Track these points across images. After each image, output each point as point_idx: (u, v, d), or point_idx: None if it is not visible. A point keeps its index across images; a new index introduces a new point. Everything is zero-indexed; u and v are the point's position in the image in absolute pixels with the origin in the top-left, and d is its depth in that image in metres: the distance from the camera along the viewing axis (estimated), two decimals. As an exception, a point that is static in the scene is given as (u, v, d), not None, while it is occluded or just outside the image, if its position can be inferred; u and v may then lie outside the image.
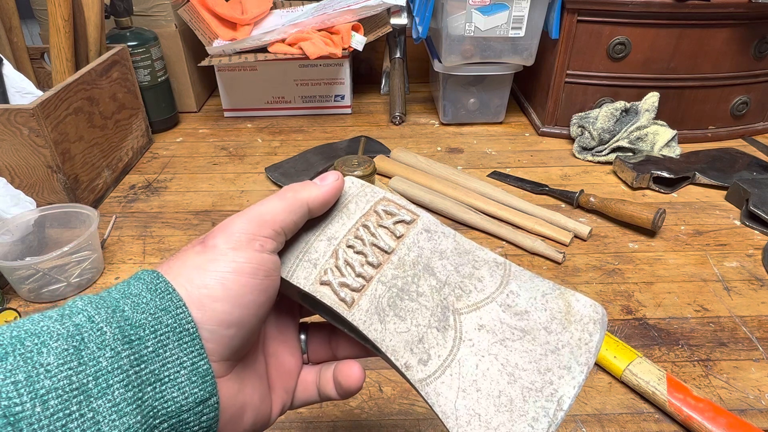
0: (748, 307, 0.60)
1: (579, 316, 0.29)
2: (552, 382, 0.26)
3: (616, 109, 0.88)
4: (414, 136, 1.01)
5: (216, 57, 1.00)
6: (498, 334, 0.28)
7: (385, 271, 0.30)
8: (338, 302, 0.29)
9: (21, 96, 0.76)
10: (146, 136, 0.97)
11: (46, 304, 0.62)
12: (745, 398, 0.49)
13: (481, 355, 0.28)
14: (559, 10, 0.89)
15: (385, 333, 0.29)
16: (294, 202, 0.29)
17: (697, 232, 0.73)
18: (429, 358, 0.28)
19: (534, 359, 0.27)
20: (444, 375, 0.27)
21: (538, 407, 0.26)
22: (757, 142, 0.96)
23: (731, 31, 0.86)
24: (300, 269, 0.30)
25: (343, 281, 0.30)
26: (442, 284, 0.30)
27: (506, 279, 0.30)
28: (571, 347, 0.27)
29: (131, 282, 0.25)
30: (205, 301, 0.25)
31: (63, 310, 0.23)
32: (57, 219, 0.67)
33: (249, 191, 0.84)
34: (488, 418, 0.26)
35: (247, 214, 0.28)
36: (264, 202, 0.29)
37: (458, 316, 0.29)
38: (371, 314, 0.29)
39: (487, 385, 0.27)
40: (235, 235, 0.27)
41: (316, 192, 0.30)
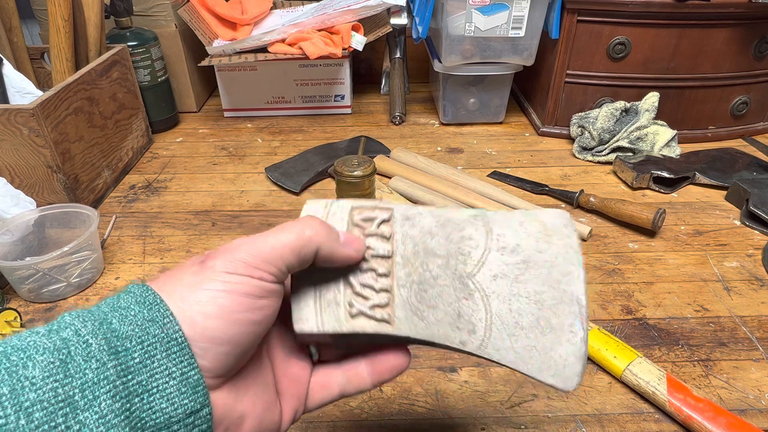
0: (748, 307, 0.60)
1: (553, 227, 0.32)
2: (565, 290, 0.30)
3: (616, 109, 0.88)
4: (414, 136, 1.01)
5: (216, 57, 1.00)
6: (509, 275, 0.31)
7: (398, 274, 0.31)
8: (380, 325, 0.30)
9: (21, 96, 0.76)
10: (146, 136, 0.97)
11: (46, 304, 0.62)
12: (745, 398, 0.49)
13: (508, 299, 0.30)
14: (559, 10, 0.89)
15: (430, 327, 0.30)
16: (307, 245, 0.28)
17: (697, 232, 0.73)
18: (474, 326, 0.30)
19: (543, 280, 0.31)
20: (493, 332, 0.30)
21: (567, 313, 0.30)
22: (757, 142, 0.96)
23: (731, 31, 0.86)
24: (326, 315, 0.30)
25: (372, 304, 0.30)
26: (446, 258, 0.31)
27: (488, 226, 0.32)
28: (562, 255, 0.31)
29: (121, 296, 0.25)
30: (197, 317, 0.25)
31: (51, 326, 0.23)
32: (57, 219, 0.67)
33: (249, 191, 0.84)
34: (542, 345, 0.29)
35: (255, 242, 0.27)
36: (279, 233, 0.28)
37: (473, 279, 0.31)
38: (410, 318, 0.30)
39: (526, 320, 0.30)
40: (235, 261, 0.26)
41: (331, 250, 0.29)
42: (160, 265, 0.68)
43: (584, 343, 0.29)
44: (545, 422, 0.48)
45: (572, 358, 0.29)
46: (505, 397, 0.50)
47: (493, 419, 0.48)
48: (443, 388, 0.51)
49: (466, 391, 0.51)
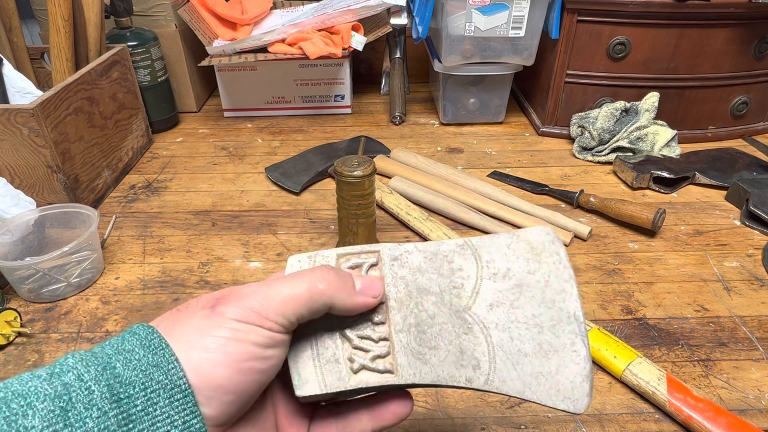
0: (748, 307, 0.60)
1: (540, 245, 0.32)
2: (561, 308, 0.30)
3: (616, 109, 0.88)
4: (414, 136, 1.01)
5: (216, 57, 1.00)
6: (505, 302, 0.31)
7: (395, 319, 0.31)
8: (383, 377, 0.30)
9: (21, 96, 0.76)
10: (146, 136, 0.97)
11: (46, 304, 0.62)
12: (745, 398, 0.49)
13: (507, 327, 0.30)
14: (559, 10, 0.89)
15: (435, 369, 0.30)
16: (320, 299, 0.27)
17: (697, 232, 0.73)
18: (478, 361, 0.30)
19: (539, 301, 0.31)
20: (497, 363, 0.30)
21: (567, 333, 0.30)
22: (757, 142, 0.96)
23: (731, 31, 0.86)
24: (327, 375, 0.29)
25: (373, 356, 0.30)
26: (440, 294, 0.31)
27: (477, 254, 0.32)
28: (553, 273, 0.31)
29: (126, 336, 0.25)
30: (204, 365, 0.24)
31: (53, 368, 0.22)
32: (57, 219, 0.67)
33: (249, 191, 0.84)
34: (547, 369, 0.29)
35: (267, 292, 0.27)
36: (291, 283, 0.27)
37: (470, 311, 0.31)
38: (413, 364, 0.30)
39: (528, 346, 0.30)
40: (246, 310, 0.26)
41: (348, 302, 0.29)
42: (160, 265, 0.68)
43: (588, 362, 0.29)
44: (545, 422, 0.48)
45: (579, 378, 0.29)
46: (505, 397, 0.50)
47: (493, 419, 0.48)
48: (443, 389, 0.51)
49: (466, 391, 0.51)
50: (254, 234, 0.74)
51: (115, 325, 0.59)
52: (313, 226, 0.75)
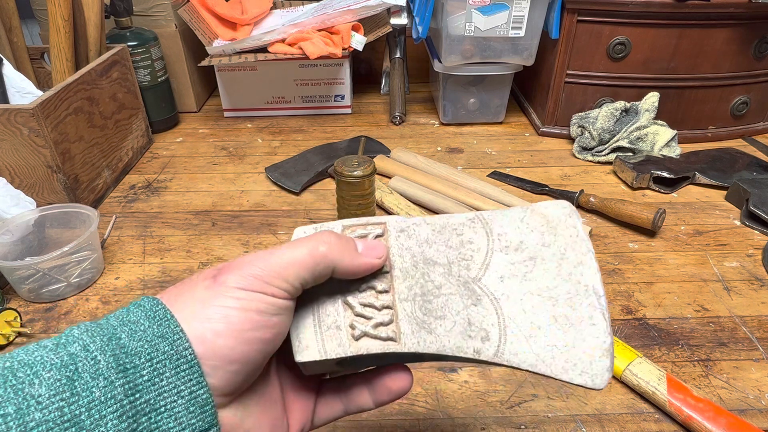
0: (748, 307, 0.60)
1: (556, 219, 0.31)
2: (579, 281, 0.29)
3: (616, 109, 0.88)
4: (414, 136, 1.01)
5: (216, 57, 1.00)
6: (517, 274, 0.30)
7: (399, 288, 0.30)
8: (386, 344, 0.29)
9: (21, 96, 0.76)
10: (146, 136, 0.97)
11: (46, 304, 0.62)
12: (745, 398, 0.49)
13: (519, 299, 0.29)
14: (559, 10, 0.89)
15: (440, 339, 0.29)
16: (322, 262, 0.27)
17: (697, 232, 0.73)
18: (487, 332, 0.29)
19: (554, 274, 0.29)
20: (508, 336, 0.29)
21: (586, 306, 0.28)
22: (757, 142, 0.96)
23: (731, 31, 0.86)
24: (327, 341, 0.29)
25: (375, 323, 0.29)
26: (448, 266, 0.30)
27: (488, 227, 0.31)
28: (570, 246, 0.30)
29: (131, 309, 0.25)
30: (208, 335, 0.24)
31: (59, 339, 0.22)
32: (57, 219, 0.67)
33: (249, 191, 0.84)
34: (563, 343, 0.28)
35: (268, 258, 0.26)
36: (292, 249, 0.27)
37: (479, 283, 0.30)
38: (417, 333, 0.29)
39: (542, 318, 0.29)
40: (248, 277, 0.26)
41: (352, 264, 0.28)
42: (160, 265, 0.68)
43: (609, 335, 0.28)
44: (545, 422, 0.48)
45: (598, 351, 0.27)
46: (505, 397, 0.50)
47: (493, 419, 0.48)
48: (443, 388, 0.51)
49: (466, 391, 0.51)
50: (254, 234, 0.74)
51: (115, 325, 0.59)
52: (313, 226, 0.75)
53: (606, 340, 0.28)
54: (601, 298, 0.28)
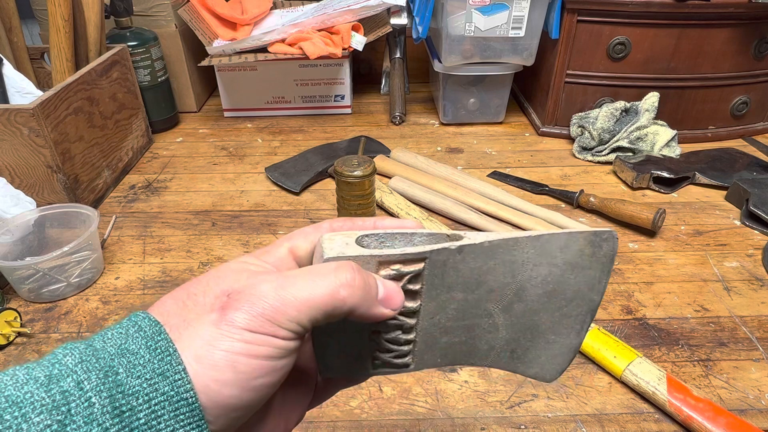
0: (748, 307, 0.60)
1: (595, 247, 0.29)
2: (579, 305, 0.31)
3: (616, 109, 0.88)
4: (414, 136, 1.01)
5: (216, 57, 1.00)
6: (532, 302, 0.31)
7: (423, 324, 0.30)
8: (400, 369, 0.32)
9: (21, 96, 0.76)
10: (146, 136, 0.97)
11: (46, 304, 0.62)
12: (745, 398, 0.49)
13: (520, 322, 0.31)
14: (559, 10, 0.89)
15: (446, 359, 0.32)
16: (340, 307, 0.25)
17: (697, 232, 0.73)
18: (491, 348, 0.32)
19: (562, 302, 0.31)
20: (499, 353, 0.32)
21: (573, 322, 0.31)
22: (757, 142, 0.96)
23: (731, 31, 0.86)
24: (351, 367, 0.31)
25: (395, 355, 0.31)
26: (472, 301, 0.30)
27: (526, 256, 0.29)
28: (588, 281, 0.30)
29: (130, 332, 0.23)
30: (212, 385, 0.23)
31: (51, 369, 0.21)
32: (57, 219, 0.67)
33: (249, 191, 0.84)
34: (526, 346, 0.32)
35: (283, 291, 0.24)
36: (309, 281, 0.25)
37: (494, 309, 0.31)
38: (431, 358, 0.31)
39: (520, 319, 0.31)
40: (258, 317, 0.24)
41: (366, 312, 0.26)
42: (160, 265, 0.68)
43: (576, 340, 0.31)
44: (545, 422, 0.48)
45: (559, 357, 0.32)
46: (505, 397, 0.50)
47: (493, 419, 0.48)
48: (443, 388, 0.51)
49: (466, 391, 0.51)
50: (254, 234, 0.74)
51: (115, 325, 0.59)
52: (313, 226, 0.75)
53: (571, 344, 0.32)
54: (584, 327, 0.31)
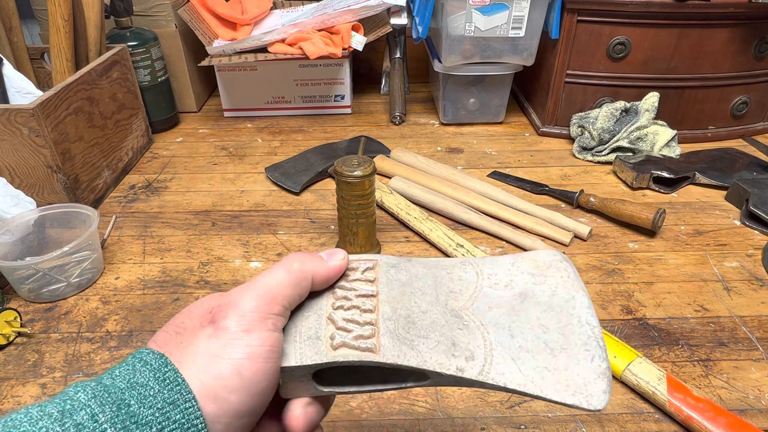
0: (748, 307, 0.60)
1: (547, 263, 0.32)
2: (571, 314, 0.30)
3: (616, 109, 0.88)
4: (414, 136, 1.01)
5: (216, 57, 1.00)
6: (506, 305, 0.31)
7: (383, 309, 0.30)
8: (363, 353, 0.28)
9: (21, 96, 0.76)
10: (146, 136, 0.97)
11: (46, 304, 0.62)
12: (745, 398, 0.49)
13: (507, 326, 0.30)
14: (559, 10, 0.89)
15: (421, 355, 0.29)
16: (300, 275, 0.28)
17: (697, 232, 0.73)
18: (472, 353, 0.29)
19: (545, 307, 0.30)
20: (494, 357, 0.28)
21: (578, 334, 0.29)
22: (757, 142, 0.96)
23: (731, 31, 0.86)
24: (306, 349, 0.29)
25: (356, 335, 0.29)
26: (435, 295, 0.31)
27: (479, 268, 0.32)
28: (561, 285, 0.31)
29: (137, 366, 0.24)
30: (221, 393, 0.24)
31: (64, 404, 0.21)
32: (57, 219, 0.67)
33: (249, 191, 0.84)
34: (554, 366, 0.28)
35: (255, 288, 0.27)
36: (270, 274, 0.28)
37: (466, 311, 0.30)
38: (398, 347, 0.29)
39: (531, 343, 0.29)
40: (246, 315, 0.25)
41: (323, 268, 0.30)
42: (160, 265, 0.68)
43: (605, 360, 0.27)
44: (545, 422, 0.48)
45: (593, 374, 0.27)
46: (505, 397, 0.50)
47: (493, 419, 0.48)
48: (443, 388, 0.51)
49: (466, 391, 0.51)
50: (254, 234, 0.74)
51: (115, 325, 0.59)
52: (313, 226, 0.75)
53: (602, 364, 0.27)
54: (595, 329, 0.29)
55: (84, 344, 0.56)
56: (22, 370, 0.53)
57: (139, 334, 0.58)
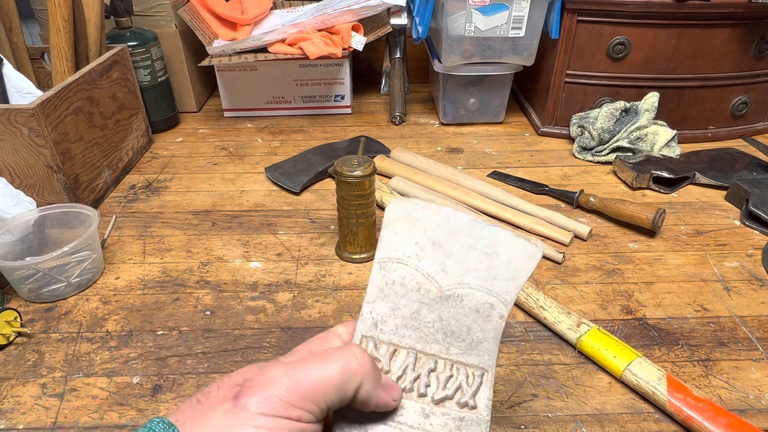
0: (748, 307, 0.60)
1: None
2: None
3: (616, 109, 0.88)
4: (414, 136, 1.01)
5: (216, 57, 1.00)
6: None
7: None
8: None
9: (21, 96, 0.76)
10: (146, 136, 0.97)
11: (46, 304, 0.62)
12: (745, 398, 0.49)
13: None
14: (559, 10, 0.89)
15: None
16: (353, 380, 0.26)
17: (697, 232, 0.73)
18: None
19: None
20: None
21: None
22: (757, 142, 0.96)
23: (731, 31, 0.86)
24: None
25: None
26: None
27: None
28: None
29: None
30: None
31: None
32: (57, 219, 0.67)
33: (249, 191, 0.84)
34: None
35: (296, 373, 0.25)
36: (320, 363, 0.25)
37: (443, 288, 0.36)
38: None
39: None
40: (272, 399, 0.24)
41: (371, 391, 0.27)
42: (161, 265, 0.68)
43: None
44: (545, 422, 0.48)
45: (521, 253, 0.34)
46: (505, 397, 0.50)
47: (493, 419, 0.48)
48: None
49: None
50: (254, 234, 0.74)
51: (115, 325, 0.59)
52: (313, 226, 0.75)
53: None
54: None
55: (84, 344, 0.56)
56: (22, 370, 0.53)
57: (139, 334, 0.58)
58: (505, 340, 0.56)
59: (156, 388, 0.51)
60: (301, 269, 0.67)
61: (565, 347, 0.55)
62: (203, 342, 0.56)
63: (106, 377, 0.52)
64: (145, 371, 0.53)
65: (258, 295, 0.63)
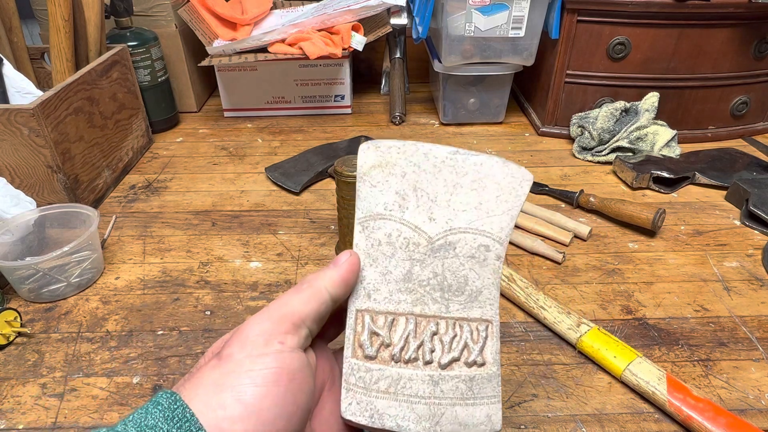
0: (748, 307, 0.60)
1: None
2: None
3: (616, 109, 0.88)
4: (414, 136, 1.01)
5: (216, 57, 1.00)
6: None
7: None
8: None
9: (21, 96, 0.76)
10: (146, 136, 0.97)
11: (46, 304, 0.62)
12: (745, 398, 0.49)
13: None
14: (559, 10, 0.89)
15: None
16: (311, 291, 0.27)
17: (697, 232, 0.73)
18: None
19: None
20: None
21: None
22: (757, 142, 0.96)
23: (731, 31, 0.86)
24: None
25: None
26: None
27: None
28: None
29: (149, 409, 0.24)
30: (224, 425, 0.23)
31: None
32: (57, 219, 0.67)
33: (249, 191, 0.84)
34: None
35: (264, 313, 0.26)
36: (281, 298, 0.27)
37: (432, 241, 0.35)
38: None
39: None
40: (250, 339, 0.25)
41: (333, 275, 0.29)
42: (161, 265, 0.68)
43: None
44: (545, 422, 0.48)
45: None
46: (505, 397, 0.50)
47: (493, 419, 0.48)
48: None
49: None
50: (254, 234, 0.74)
51: (115, 325, 0.59)
52: (313, 226, 0.75)
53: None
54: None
55: (84, 344, 0.56)
56: (22, 370, 0.53)
57: (139, 333, 0.58)
58: (505, 340, 0.56)
59: (156, 388, 0.51)
60: (301, 269, 0.67)
61: (565, 347, 0.55)
62: (203, 342, 0.56)
63: (106, 377, 0.52)
64: (145, 371, 0.53)
65: (258, 295, 0.63)
